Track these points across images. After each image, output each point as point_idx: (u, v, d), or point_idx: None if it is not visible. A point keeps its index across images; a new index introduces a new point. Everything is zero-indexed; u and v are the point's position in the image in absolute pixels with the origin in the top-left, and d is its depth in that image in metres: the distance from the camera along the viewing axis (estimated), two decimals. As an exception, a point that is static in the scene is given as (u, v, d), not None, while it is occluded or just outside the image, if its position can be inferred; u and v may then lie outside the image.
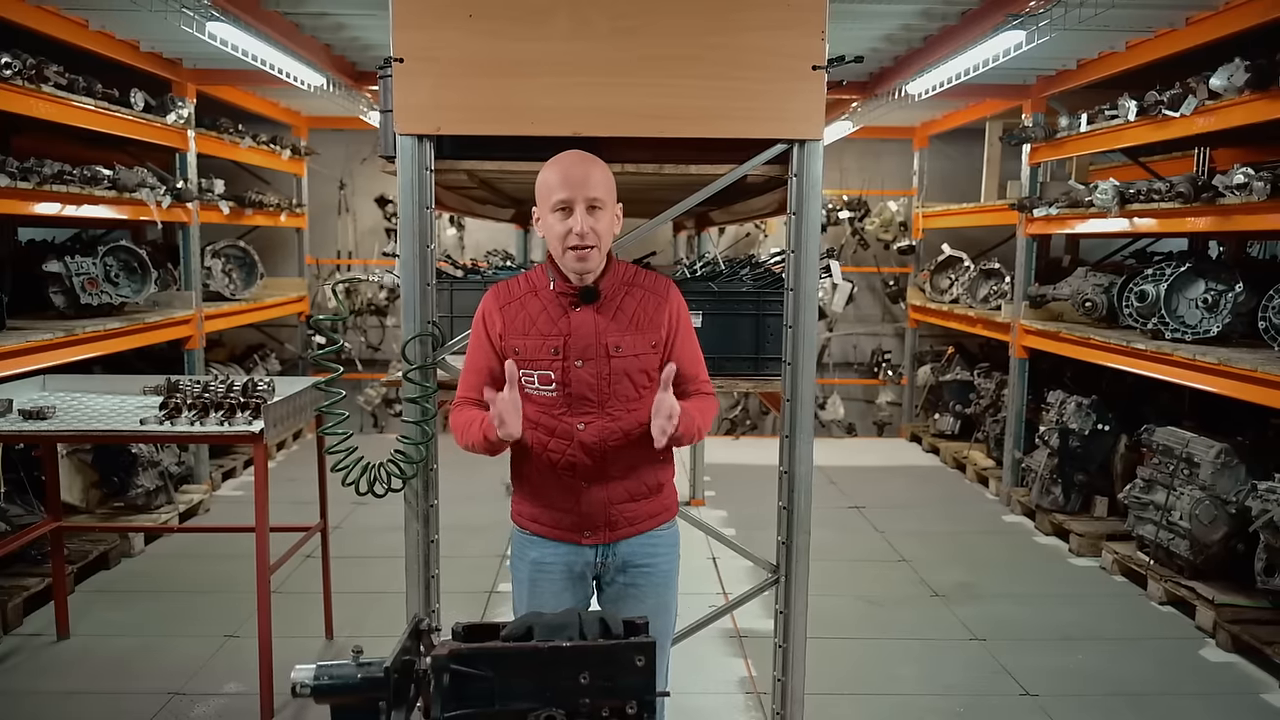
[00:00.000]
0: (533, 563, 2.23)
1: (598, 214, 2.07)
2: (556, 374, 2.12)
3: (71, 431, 3.16)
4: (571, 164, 2.09)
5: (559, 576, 2.21)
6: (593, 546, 2.20)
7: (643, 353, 2.15)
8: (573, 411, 2.13)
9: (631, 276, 2.20)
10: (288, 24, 4.64)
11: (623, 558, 2.21)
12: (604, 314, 2.13)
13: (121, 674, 3.63)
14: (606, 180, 2.11)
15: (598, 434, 2.13)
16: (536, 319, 2.14)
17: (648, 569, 2.23)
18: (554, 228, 2.08)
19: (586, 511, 2.16)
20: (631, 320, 2.14)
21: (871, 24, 4.67)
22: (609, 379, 2.12)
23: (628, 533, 2.20)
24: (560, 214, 2.07)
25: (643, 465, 2.19)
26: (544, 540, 2.22)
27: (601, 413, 2.13)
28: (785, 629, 2.77)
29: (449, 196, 3.64)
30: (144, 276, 5.30)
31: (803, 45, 2.54)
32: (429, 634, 1.77)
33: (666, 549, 2.27)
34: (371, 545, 5.10)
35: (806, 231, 2.64)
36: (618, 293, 2.16)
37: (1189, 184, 4.20)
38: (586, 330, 2.12)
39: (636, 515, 2.20)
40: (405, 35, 2.50)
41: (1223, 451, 4.25)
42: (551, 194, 2.07)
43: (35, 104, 4.10)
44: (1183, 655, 3.95)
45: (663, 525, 2.26)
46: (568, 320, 2.13)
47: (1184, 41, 4.36)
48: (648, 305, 2.17)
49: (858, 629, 4.18)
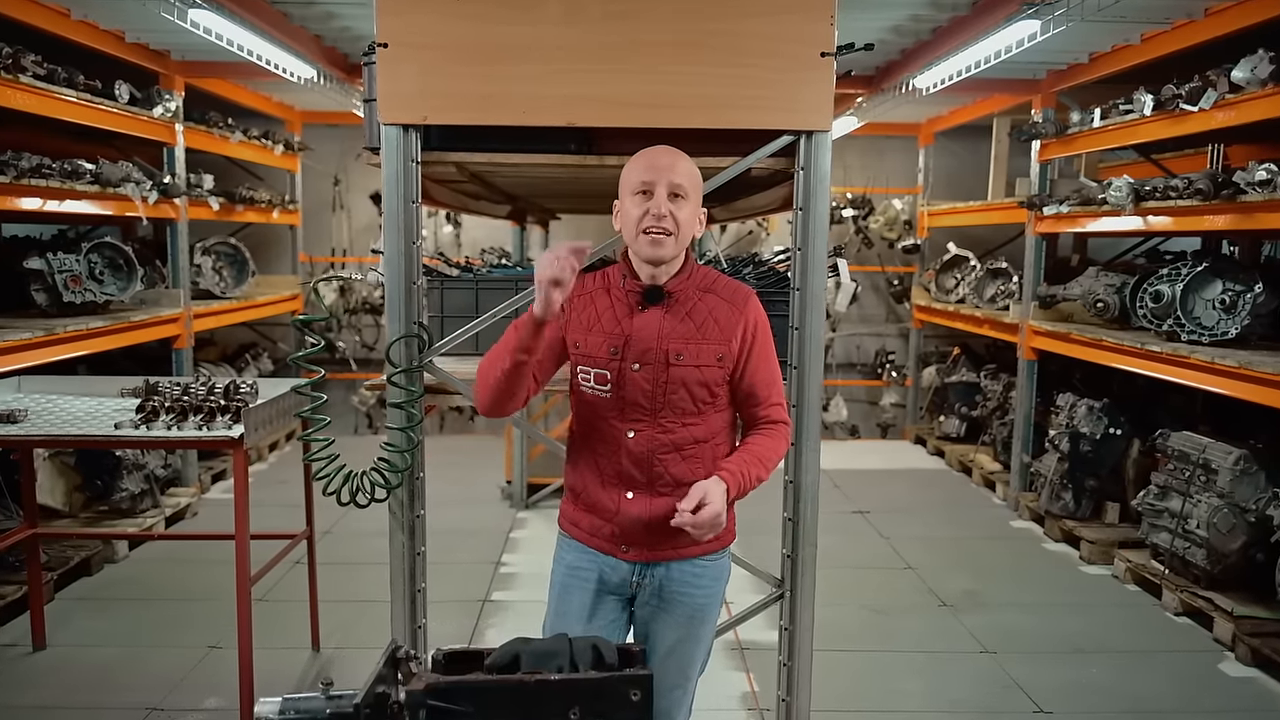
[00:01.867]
0: (568, 566, 2.11)
1: (679, 203, 1.95)
2: (612, 374, 1.99)
3: (42, 436, 3.02)
4: (659, 152, 2.00)
5: (591, 586, 2.08)
6: (631, 563, 2.06)
7: (705, 364, 1.98)
8: (624, 417, 2.00)
9: (710, 282, 2.05)
10: (275, 13, 4.50)
11: (660, 580, 2.06)
12: (671, 318, 1.99)
13: (99, 687, 3.50)
14: (693, 174, 2.00)
15: (646, 444, 1.99)
16: (602, 315, 2.02)
17: (682, 598, 2.07)
18: (631, 212, 1.96)
19: (626, 524, 2.02)
20: (699, 328, 1.99)
21: (879, 14, 4.54)
22: (665, 387, 1.98)
23: (669, 555, 2.05)
24: (640, 197, 1.95)
25: (692, 484, 1.98)
26: (581, 546, 2.10)
27: (653, 422, 1.99)
28: (790, 646, 2.64)
29: (439, 191, 3.50)
30: (130, 274, 5.16)
31: (810, 30, 2.40)
32: (407, 662, 1.64)
33: (710, 580, 2.09)
34: (362, 550, 4.95)
35: (814, 228, 2.51)
36: (690, 297, 2.01)
37: (1208, 180, 4.05)
38: (648, 333, 1.98)
39: (683, 538, 2.00)
40: (390, 20, 2.37)
41: (1242, 458, 4.11)
42: (635, 178, 1.96)
43: (13, 95, 3.96)
44: (1201, 669, 3.80)
45: (711, 554, 2.09)
46: (631, 320, 2.00)
47: (1202, 33, 4.22)
48: (720, 314, 2.01)
49: (862, 640, 4.04)
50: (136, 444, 3.25)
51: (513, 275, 3.81)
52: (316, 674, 3.61)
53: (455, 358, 3.17)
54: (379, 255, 2.71)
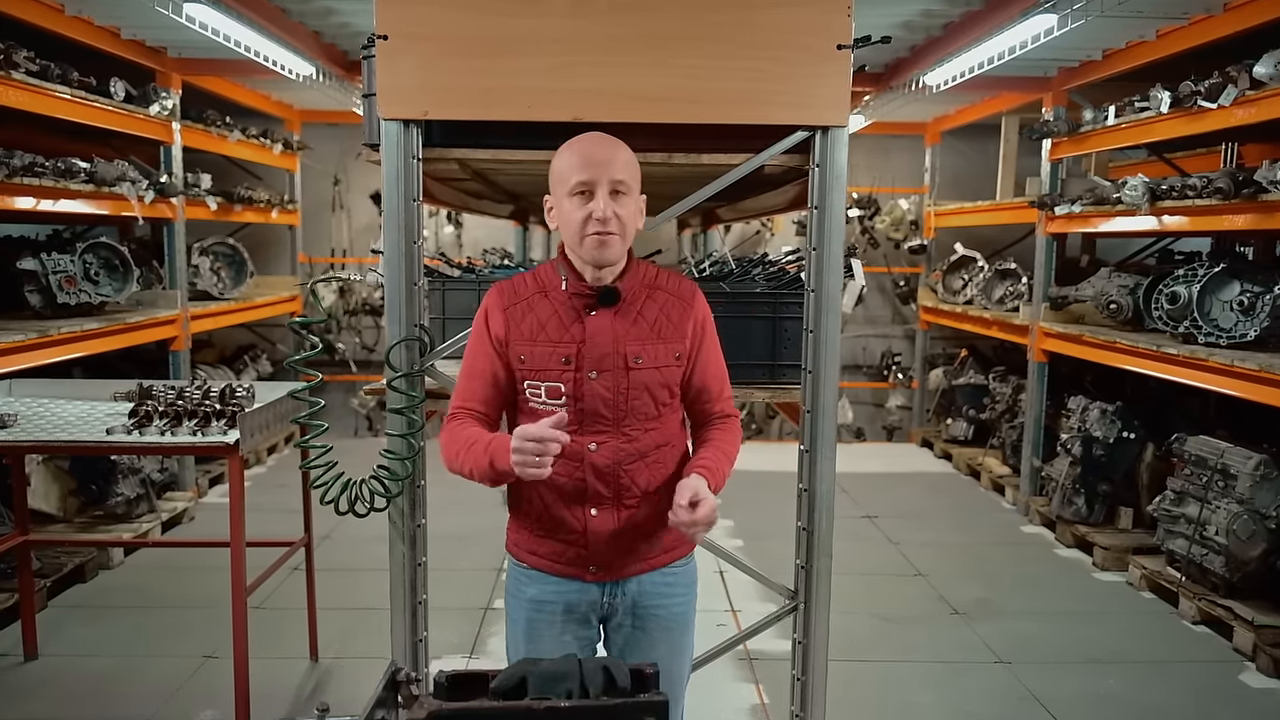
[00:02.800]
0: (530, 601, 1.97)
1: (622, 200, 1.82)
2: (567, 386, 1.86)
3: (31, 442, 2.93)
4: (594, 144, 1.85)
5: (560, 617, 1.95)
6: (599, 584, 1.94)
7: (665, 365, 1.89)
8: (584, 430, 1.87)
9: (654, 278, 1.94)
10: (273, 8, 4.41)
11: (632, 598, 1.96)
12: (623, 319, 1.88)
13: (91, 698, 3.41)
14: (632, 164, 1.87)
15: (611, 455, 1.87)
16: (546, 323, 1.89)
17: (659, 612, 1.97)
18: (571, 214, 1.82)
19: (593, 544, 1.90)
20: (654, 327, 1.89)
21: (891, 9, 4.44)
22: (627, 393, 1.87)
23: (639, 569, 1.95)
24: (579, 198, 1.82)
25: (659, 493, 1.92)
26: (544, 575, 1.96)
27: (616, 431, 1.87)
28: (804, 660, 2.54)
29: (441, 189, 3.41)
30: (126, 275, 5.07)
31: (826, 22, 2.32)
32: (408, 685, 1.55)
33: (683, 588, 2.02)
34: (362, 557, 4.86)
35: (830, 227, 2.42)
36: (639, 296, 1.91)
37: (1228, 179, 3.96)
38: (603, 337, 1.86)
39: (650, 549, 1.94)
40: (390, 11, 2.27)
41: (1262, 463, 4.02)
42: (570, 176, 1.82)
43: (4, 92, 3.86)
44: (1221, 680, 3.71)
45: (679, 560, 2.01)
46: (582, 326, 1.87)
47: (1221, 29, 4.12)
48: (672, 311, 1.91)
49: (874, 650, 3.94)
50: (129, 450, 3.17)
51: (514, 276, 3.71)
52: (315, 686, 3.52)
53: (458, 361, 3.08)
54: (379, 255, 2.62)
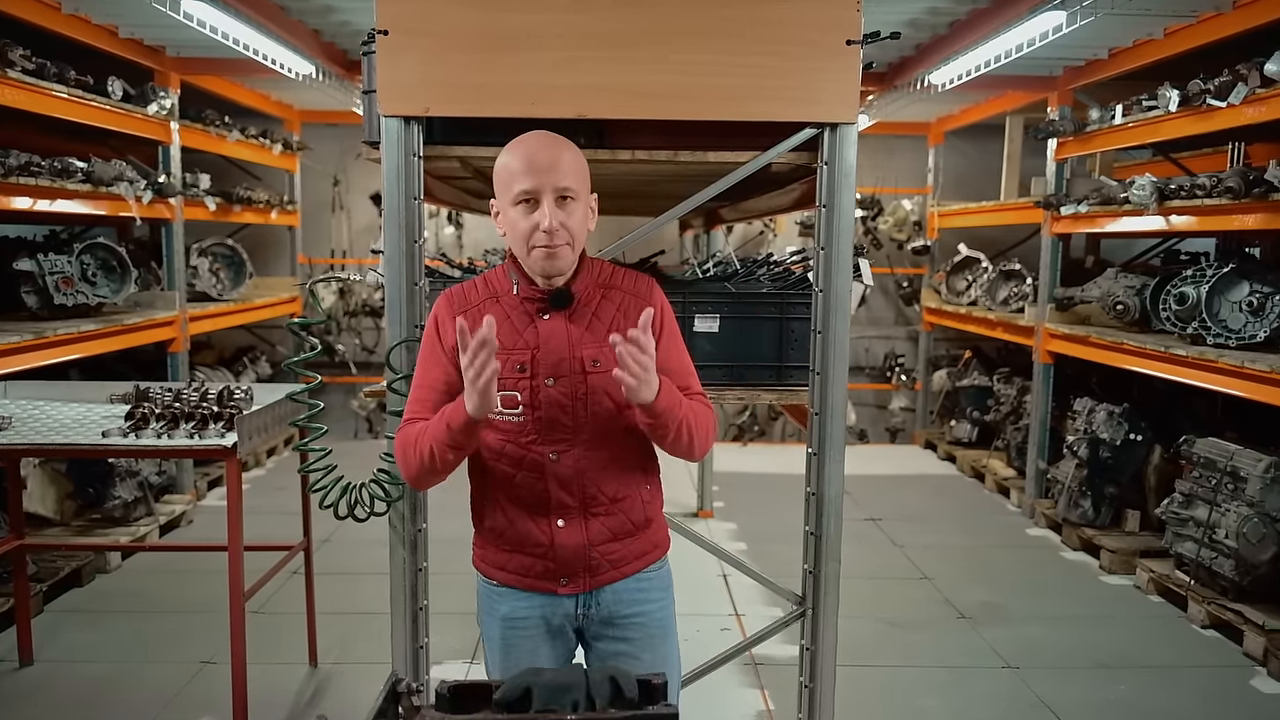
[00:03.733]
0: (504, 619, 1.91)
1: (569, 206, 1.75)
2: (524, 395, 1.79)
3: (26, 445, 2.88)
4: (537, 147, 1.76)
5: (536, 633, 1.90)
6: (571, 596, 1.88)
7: None
8: (543, 439, 1.81)
9: (608, 277, 1.88)
10: (272, 6, 4.37)
11: (607, 607, 1.90)
12: (577, 322, 1.81)
13: (87, 705, 3.36)
14: (579, 166, 1.78)
15: (574, 464, 1.82)
16: (498, 330, 1.80)
17: (638, 619, 1.91)
18: (517, 224, 1.75)
19: (562, 555, 1.84)
20: (610, 328, 1.80)
21: (896, 7, 4.39)
22: (585, 399, 1.80)
23: (611, 577, 1.88)
24: (524, 207, 1.74)
25: (627, 498, 1.87)
26: (514, 591, 1.90)
27: (577, 439, 1.81)
28: (811, 667, 2.50)
29: (441, 188, 3.37)
30: (124, 276, 5.03)
31: (835, 17, 2.27)
32: (409, 696, 1.50)
33: (658, 593, 1.95)
34: (362, 561, 4.81)
35: (838, 226, 2.38)
36: (593, 296, 1.84)
37: (1239, 178, 3.91)
38: (558, 342, 1.80)
39: (622, 556, 1.88)
40: (390, 6, 2.23)
41: (1272, 465, 3.97)
42: (513, 183, 1.74)
43: (0, 91, 3.83)
44: (1233, 686, 3.66)
45: (652, 565, 1.95)
46: (535, 330, 1.80)
47: (1229, 27, 4.08)
48: (629, 310, 1.83)
49: (880, 655, 3.90)
50: (125, 453, 3.12)
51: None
52: (314, 691, 3.47)
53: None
54: (379, 256, 2.58)
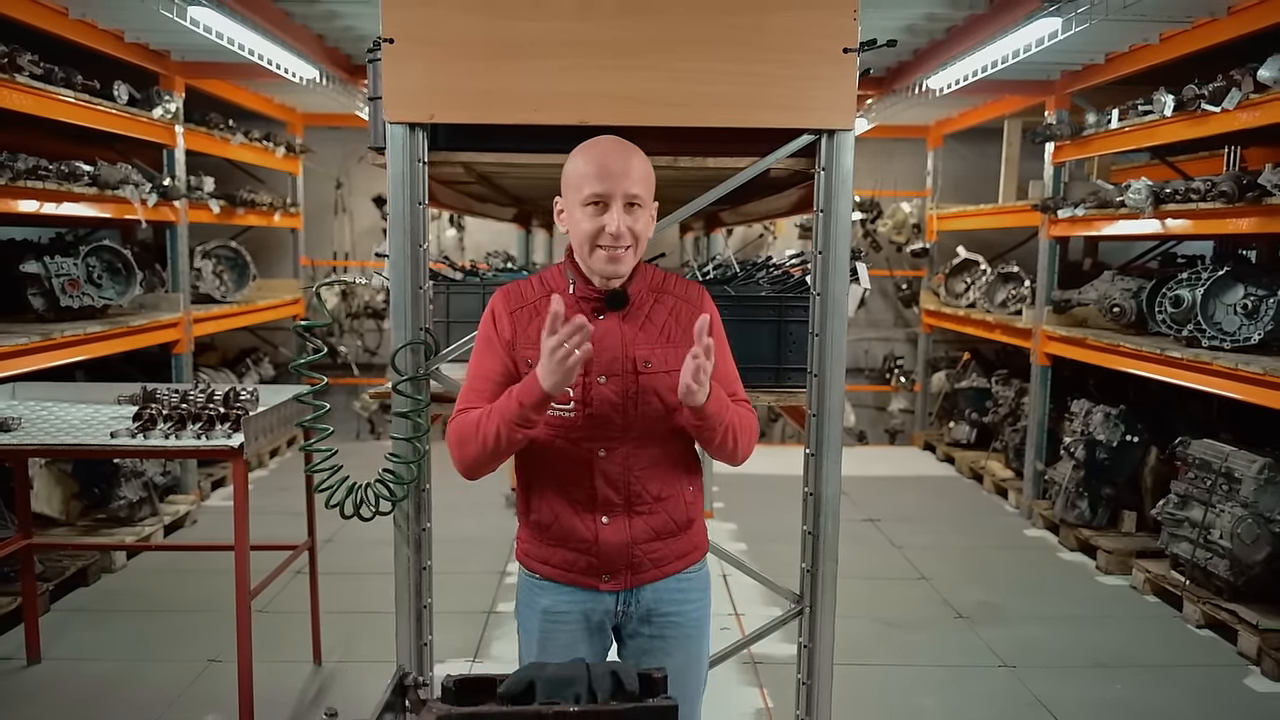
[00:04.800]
0: (544, 612, 1.94)
1: (636, 212, 1.81)
2: (576, 391, 1.83)
3: (36, 445, 2.93)
4: (610, 152, 1.81)
5: (575, 628, 1.93)
6: (613, 593, 1.92)
7: (675, 369, 1.83)
8: (593, 436, 1.85)
9: (661, 282, 1.93)
10: (277, 11, 4.42)
11: (647, 605, 1.94)
12: (631, 323, 1.87)
13: (94, 702, 3.40)
14: (647, 174, 1.84)
15: (621, 461, 1.86)
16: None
17: (675, 618, 1.96)
18: (582, 224, 1.80)
19: (606, 552, 1.88)
20: (662, 331, 1.87)
21: (894, 13, 4.45)
22: (636, 398, 1.84)
23: (653, 576, 1.93)
24: (592, 209, 1.79)
25: (670, 498, 1.91)
26: (556, 585, 1.94)
27: (626, 437, 1.85)
28: (809, 664, 2.53)
29: (445, 193, 3.41)
30: (129, 278, 5.07)
31: (833, 25, 2.31)
32: (415, 689, 1.54)
33: (697, 594, 2.00)
34: (365, 560, 4.86)
35: (835, 231, 2.41)
36: (646, 300, 1.90)
37: (1233, 183, 3.96)
38: (612, 341, 1.84)
39: (663, 556, 1.92)
40: (396, 13, 2.27)
41: (1266, 466, 4.01)
42: (583, 185, 1.79)
43: (8, 95, 3.87)
44: (1227, 685, 3.70)
45: (692, 566, 1.99)
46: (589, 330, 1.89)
47: (1224, 33, 4.12)
48: (680, 315, 1.90)
49: (877, 654, 3.94)
50: (133, 453, 3.16)
51: (520, 279, 3.71)
52: (319, 689, 3.51)
53: (463, 364, 3.08)
54: (383, 259, 2.62)
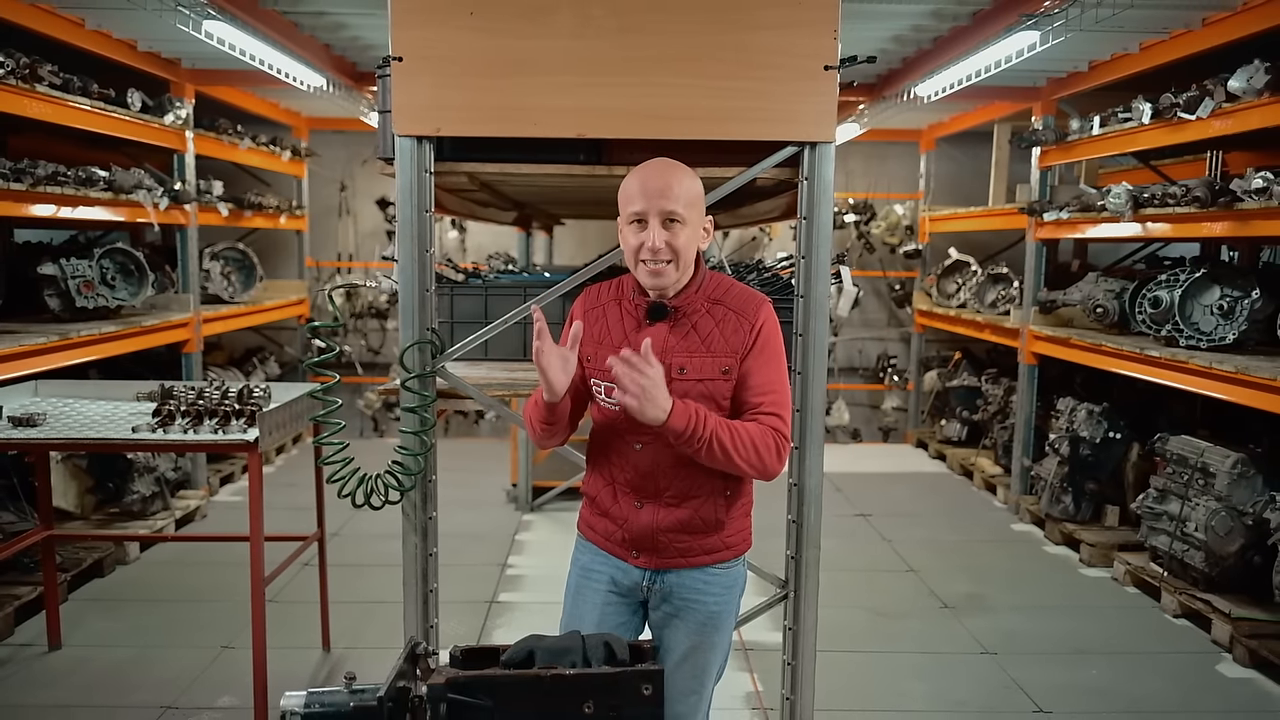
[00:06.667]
0: (582, 568, 2.18)
1: (675, 229, 1.94)
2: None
3: (62, 439, 3.08)
4: (652, 174, 1.97)
5: (603, 588, 2.14)
6: (641, 569, 2.11)
7: (710, 378, 1.99)
8: (632, 430, 2.02)
9: (722, 292, 2.05)
10: (286, 23, 4.57)
11: (670, 587, 2.10)
12: (677, 332, 2.02)
13: (114, 686, 3.55)
14: (689, 192, 1.97)
15: (652, 457, 2.03)
16: (612, 329, 2.07)
17: (694, 605, 2.10)
18: (628, 240, 1.99)
19: (634, 531, 2.08)
20: (704, 341, 2.01)
21: (881, 24, 4.60)
22: None
23: (677, 563, 2.09)
24: (635, 226, 1.96)
25: (699, 497, 2.04)
26: (595, 549, 2.17)
27: (659, 437, 1.97)
28: (794, 646, 2.69)
29: (449, 199, 3.56)
30: (141, 279, 5.22)
31: (814, 45, 2.46)
32: (426, 658, 1.69)
33: (721, 590, 2.11)
34: (369, 553, 5.02)
35: (817, 237, 2.56)
36: (697, 310, 2.03)
37: (1205, 188, 4.11)
38: (656, 348, 1.94)
39: (689, 548, 2.08)
40: (404, 33, 2.43)
41: (1239, 461, 4.16)
42: (628, 205, 1.97)
43: (29, 104, 4.03)
44: (1199, 671, 3.86)
45: (720, 564, 2.11)
46: (638, 335, 2.02)
47: (1200, 43, 4.27)
48: (728, 326, 2.01)
49: (866, 642, 4.09)
50: (155, 447, 3.30)
51: (521, 281, 3.88)
52: (329, 673, 3.67)
53: (466, 363, 3.24)
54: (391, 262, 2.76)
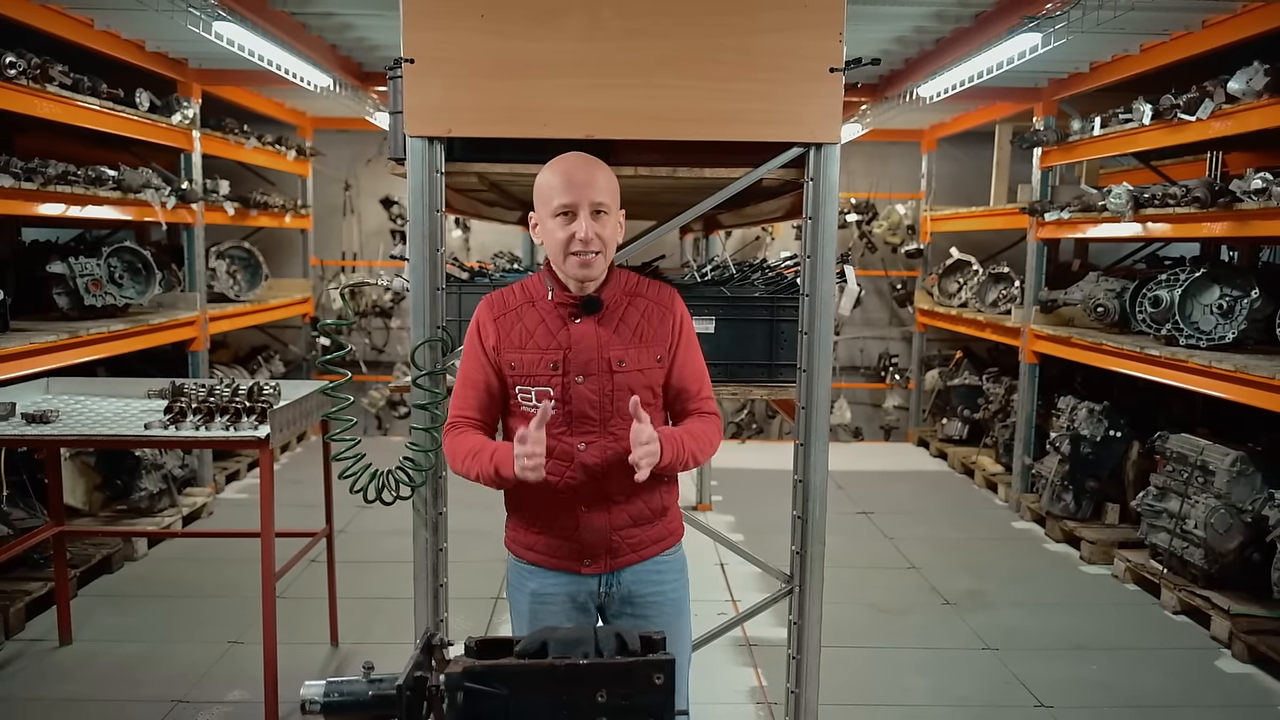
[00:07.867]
0: (532, 594, 2.11)
1: (602, 219, 1.97)
2: (556, 390, 2.01)
3: (75, 436, 3.12)
4: (575, 166, 1.99)
5: (561, 608, 2.09)
6: (594, 576, 2.08)
7: (647, 367, 2.04)
8: (573, 431, 2.01)
9: (634, 286, 2.10)
10: (294, 23, 4.60)
11: (627, 587, 2.10)
12: (606, 326, 2.03)
13: (124, 680, 3.59)
14: (611, 184, 2.01)
15: (599, 454, 2.01)
16: (534, 331, 2.04)
17: (655, 599, 2.12)
18: (555, 234, 1.97)
19: (587, 538, 2.05)
20: (635, 332, 2.04)
21: (884, 26, 4.63)
22: (611, 395, 2.01)
23: (631, 559, 2.09)
24: (562, 219, 1.96)
25: (646, 487, 2.04)
26: (543, 570, 2.10)
27: (603, 431, 2.01)
28: (799, 640, 2.72)
29: (457, 199, 3.59)
30: (148, 278, 5.26)
31: (820, 47, 2.49)
32: (441, 649, 1.73)
33: (674, 575, 2.17)
34: (376, 550, 5.06)
35: (822, 236, 2.59)
36: (620, 303, 2.06)
37: (1205, 189, 4.15)
38: (588, 343, 2.01)
39: (640, 541, 2.09)
40: (416, 35, 2.46)
41: (1238, 459, 4.20)
42: (553, 198, 1.96)
43: (39, 104, 4.07)
44: (1198, 666, 3.89)
45: (668, 550, 2.16)
46: (567, 333, 2.02)
47: (1200, 45, 4.31)
48: (651, 316, 2.06)
49: (868, 638, 4.13)
50: (168, 443, 3.34)
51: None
52: (337, 668, 3.71)
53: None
54: (402, 260, 2.80)
